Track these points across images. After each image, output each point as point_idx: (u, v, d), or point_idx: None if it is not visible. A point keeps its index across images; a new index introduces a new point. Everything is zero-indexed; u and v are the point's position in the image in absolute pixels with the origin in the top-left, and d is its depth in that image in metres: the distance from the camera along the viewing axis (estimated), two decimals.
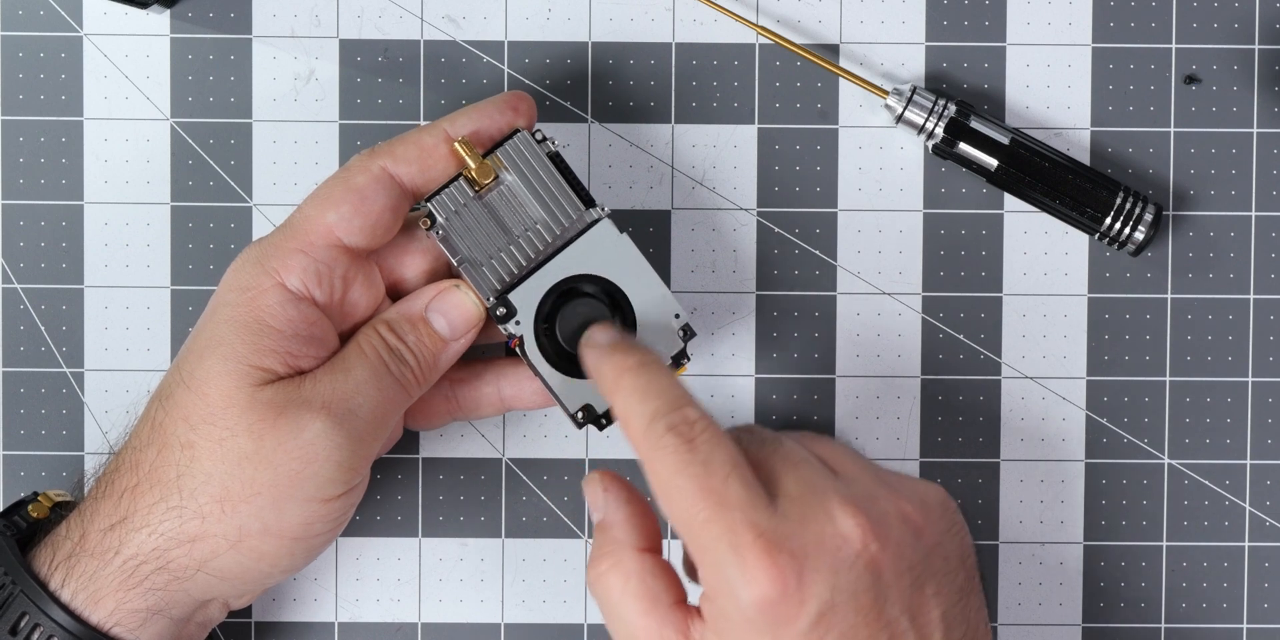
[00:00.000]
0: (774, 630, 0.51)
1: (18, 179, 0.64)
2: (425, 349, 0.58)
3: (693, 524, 0.51)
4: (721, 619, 0.52)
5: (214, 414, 0.55)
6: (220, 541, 0.55)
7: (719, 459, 0.52)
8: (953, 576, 0.54)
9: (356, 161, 0.57)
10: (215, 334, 0.56)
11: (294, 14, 0.64)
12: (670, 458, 0.52)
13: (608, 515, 0.56)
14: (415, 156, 0.57)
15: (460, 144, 0.57)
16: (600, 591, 0.55)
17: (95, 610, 0.55)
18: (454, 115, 0.58)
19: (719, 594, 0.52)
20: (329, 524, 0.57)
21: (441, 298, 0.58)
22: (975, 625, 0.55)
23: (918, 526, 0.54)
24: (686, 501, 0.51)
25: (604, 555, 0.55)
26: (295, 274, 0.56)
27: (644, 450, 0.53)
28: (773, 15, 0.64)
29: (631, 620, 0.54)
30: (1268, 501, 0.64)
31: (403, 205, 0.58)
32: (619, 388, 0.54)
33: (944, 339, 0.64)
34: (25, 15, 0.64)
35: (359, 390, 0.56)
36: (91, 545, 0.56)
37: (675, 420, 0.52)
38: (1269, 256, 0.64)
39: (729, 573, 0.51)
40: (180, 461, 0.55)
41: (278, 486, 0.55)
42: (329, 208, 0.57)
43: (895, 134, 0.64)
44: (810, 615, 0.51)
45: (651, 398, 0.53)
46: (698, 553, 0.52)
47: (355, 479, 0.56)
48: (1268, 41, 0.64)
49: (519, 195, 0.58)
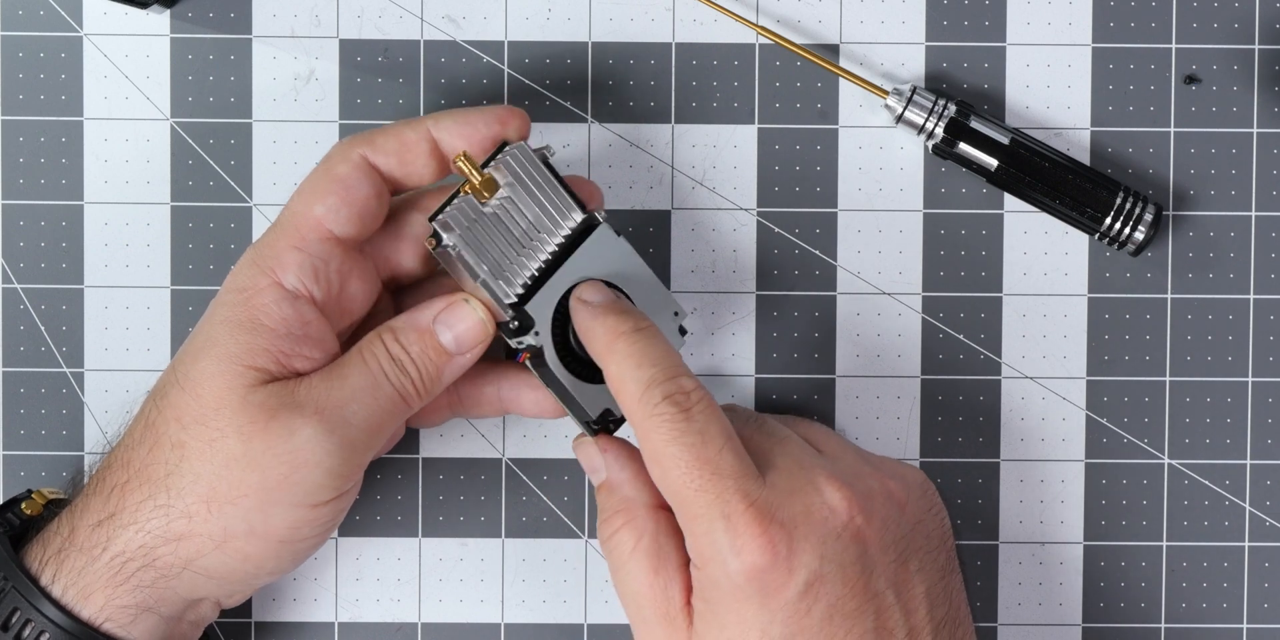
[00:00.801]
0: (762, 598, 0.52)
1: (18, 179, 0.64)
2: (429, 361, 0.57)
3: (685, 492, 0.52)
4: (711, 587, 0.53)
5: (206, 415, 0.55)
6: (206, 541, 0.55)
7: (714, 430, 0.53)
8: (935, 555, 0.55)
9: (336, 151, 0.57)
10: (211, 334, 0.56)
11: (294, 14, 0.64)
12: (666, 426, 0.53)
13: (612, 474, 0.57)
14: (395, 149, 0.57)
15: (462, 160, 0.56)
16: (613, 548, 0.56)
17: (85, 606, 0.55)
18: (441, 115, 0.58)
19: (708, 562, 0.52)
20: (316, 528, 0.56)
21: (450, 311, 0.58)
22: (957, 605, 0.56)
23: (901, 503, 0.55)
24: (680, 470, 0.52)
25: (617, 512, 0.56)
26: (291, 271, 0.56)
27: (638, 417, 0.53)
28: (773, 15, 0.64)
29: (638, 577, 0.55)
30: (1268, 501, 0.64)
31: (385, 193, 0.57)
32: (613, 351, 0.54)
33: (944, 339, 0.64)
34: (25, 15, 0.64)
35: (354, 397, 0.56)
36: (80, 540, 0.56)
37: (672, 389, 0.53)
38: (1269, 256, 0.64)
39: (719, 540, 0.52)
40: (170, 460, 0.55)
41: (265, 490, 0.55)
42: (315, 200, 0.56)
43: (895, 134, 0.64)
44: (799, 584, 0.52)
45: (648, 364, 0.54)
46: (688, 521, 0.53)
47: (345, 485, 0.56)
48: (1268, 41, 0.64)
49: (520, 206, 0.57)
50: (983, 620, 0.64)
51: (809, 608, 0.52)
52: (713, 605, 0.53)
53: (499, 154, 0.57)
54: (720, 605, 0.53)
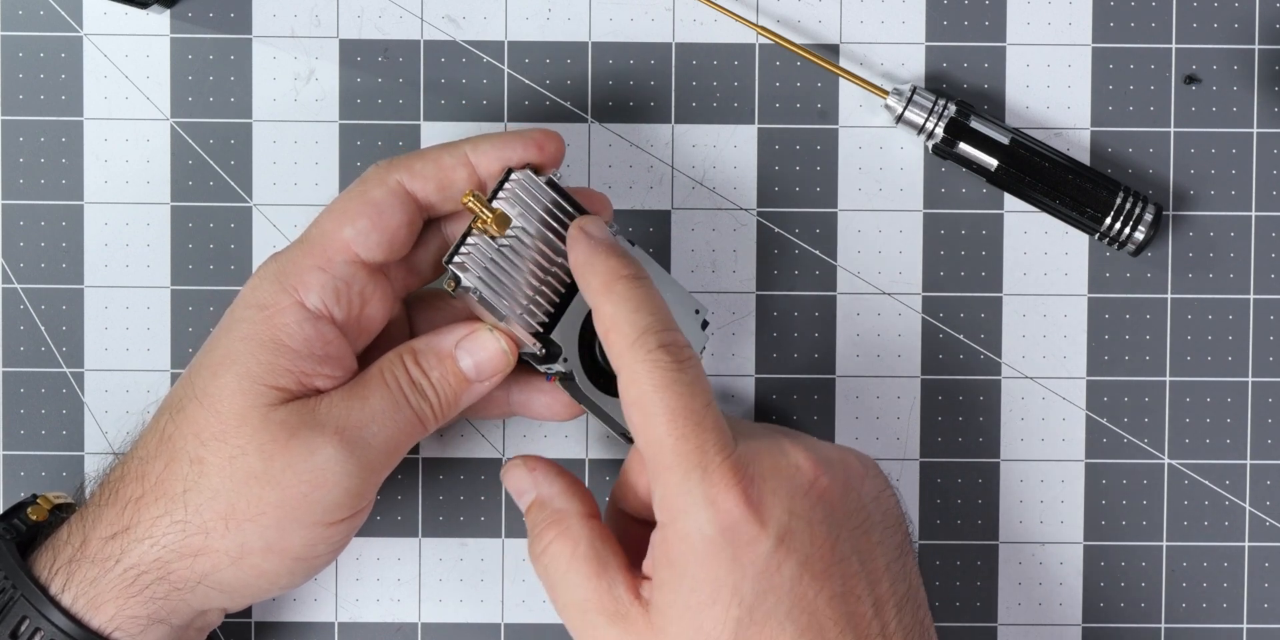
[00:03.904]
0: (734, 551, 0.52)
1: (18, 179, 0.64)
2: (448, 386, 0.57)
3: (666, 440, 0.53)
4: (679, 543, 0.52)
5: (226, 431, 0.55)
6: (222, 557, 0.55)
7: (702, 386, 0.54)
8: (893, 532, 0.56)
9: (373, 173, 0.57)
10: (231, 350, 0.56)
11: (294, 14, 0.64)
12: (659, 372, 0.53)
13: (541, 490, 0.57)
14: (433, 174, 0.57)
15: (471, 200, 0.56)
16: (547, 563, 0.55)
17: (95, 615, 0.55)
18: (477, 140, 0.57)
19: (679, 515, 0.52)
20: (331, 546, 0.57)
21: (472, 339, 0.58)
22: (915, 587, 0.56)
23: (859, 475, 0.56)
24: (663, 417, 0.53)
25: (548, 526, 0.56)
26: (314, 291, 0.56)
27: (628, 360, 0.53)
28: (773, 15, 0.64)
29: (580, 584, 0.54)
30: (1268, 501, 0.64)
31: (418, 220, 0.57)
32: (611, 292, 0.55)
33: (944, 339, 0.64)
34: (25, 15, 0.64)
35: (374, 419, 0.56)
36: (93, 552, 0.55)
37: (667, 339, 0.54)
38: (1269, 256, 0.64)
39: (694, 491, 0.52)
40: (188, 476, 0.55)
41: (283, 508, 0.55)
42: (345, 222, 0.56)
43: (895, 134, 0.64)
44: (770, 538, 0.52)
45: (646, 312, 0.54)
46: (662, 471, 0.53)
47: (360, 504, 0.56)
48: (1268, 41, 0.64)
49: (533, 235, 0.57)
50: (983, 620, 0.64)
51: (779, 564, 0.52)
52: (679, 568, 0.52)
53: (505, 182, 0.57)
54: (689, 564, 0.52)
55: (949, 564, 0.64)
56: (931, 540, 0.64)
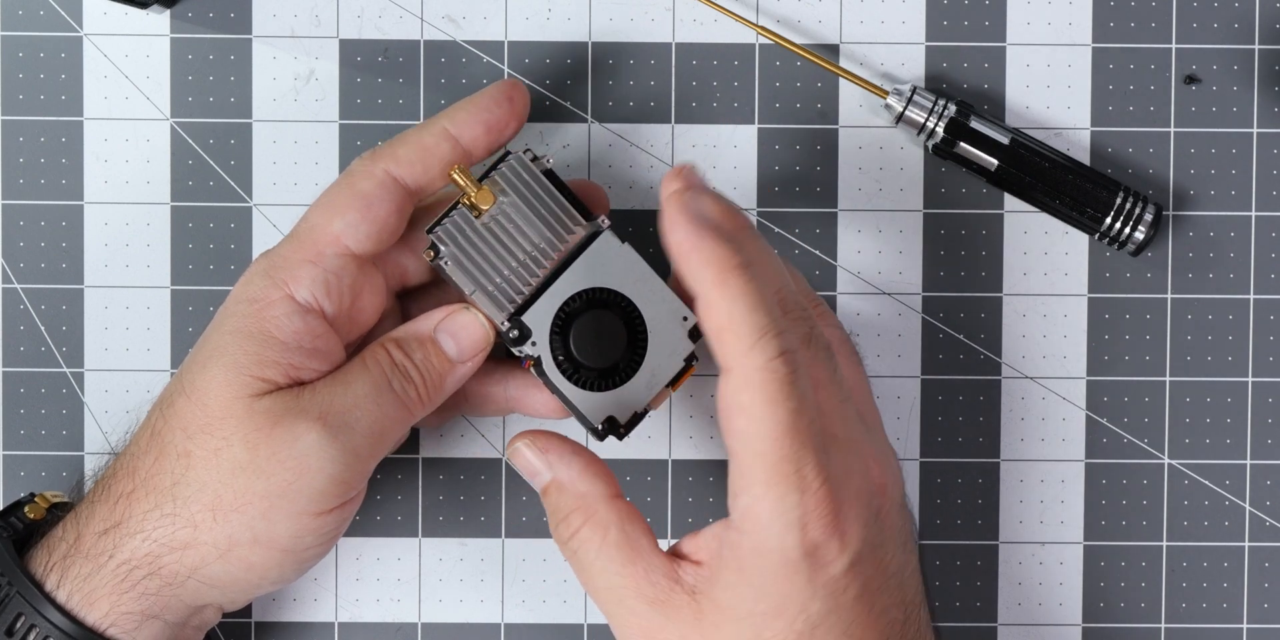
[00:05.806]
0: (812, 573, 0.51)
1: (18, 179, 0.64)
2: (432, 369, 0.57)
3: (770, 456, 0.50)
4: (756, 556, 0.51)
5: (211, 424, 0.55)
6: (210, 550, 0.55)
7: (811, 400, 0.51)
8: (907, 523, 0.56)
9: (359, 166, 0.57)
10: (219, 344, 0.56)
11: (294, 14, 0.64)
12: (774, 384, 0.50)
13: (559, 473, 0.55)
14: (417, 157, 0.57)
15: (457, 172, 0.56)
16: (577, 548, 0.54)
17: (90, 612, 0.55)
18: (451, 111, 0.58)
19: (762, 529, 0.51)
20: (319, 538, 0.56)
21: (450, 319, 0.58)
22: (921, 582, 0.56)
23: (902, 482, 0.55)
24: (771, 433, 0.50)
25: (573, 511, 0.55)
26: (305, 285, 0.56)
27: (744, 365, 0.50)
28: (773, 15, 0.64)
29: (615, 571, 0.53)
30: (1268, 501, 0.64)
31: (407, 207, 0.58)
32: (726, 286, 0.50)
33: (944, 339, 0.64)
34: (25, 15, 0.64)
35: (358, 404, 0.56)
36: (86, 547, 0.56)
37: (784, 345, 0.50)
38: (1269, 256, 0.64)
39: (789, 512, 0.50)
40: (176, 470, 0.55)
41: (269, 497, 0.55)
42: (335, 215, 0.56)
43: (895, 134, 0.64)
44: (846, 562, 0.52)
45: (763, 310, 0.50)
46: (754, 485, 0.51)
47: (348, 493, 0.56)
48: (1268, 41, 0.64)
49: (519, 217, 0.57)
50: (983, 620, 0.64)
51: (846, 586, 0.52)
52: (749, 575, 0.51)
53: (500, 164, 0.57)
54: (763, 576, 0.51)
55: (949, 564, 0.64)
56: (931, 540, 0.64)
